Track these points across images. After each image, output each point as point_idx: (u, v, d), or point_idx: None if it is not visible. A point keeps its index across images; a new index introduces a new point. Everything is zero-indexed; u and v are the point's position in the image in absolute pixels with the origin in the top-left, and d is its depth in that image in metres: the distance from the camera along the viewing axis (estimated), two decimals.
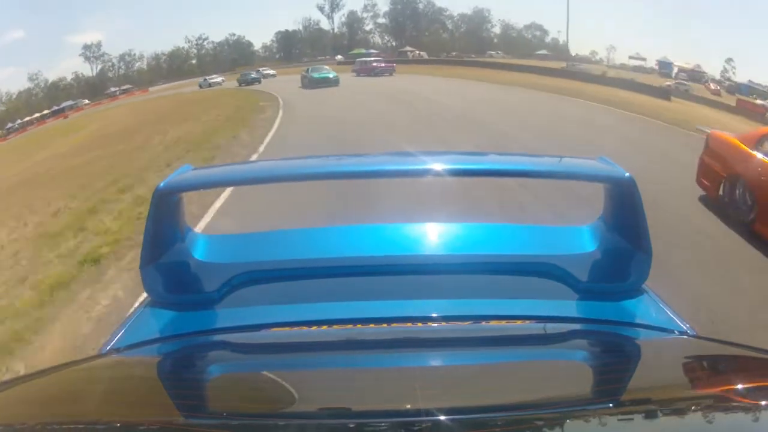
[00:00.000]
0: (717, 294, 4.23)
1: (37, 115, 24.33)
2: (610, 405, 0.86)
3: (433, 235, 1.56)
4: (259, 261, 1.41)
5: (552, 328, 1.20)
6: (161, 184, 1.27)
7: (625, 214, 1.31)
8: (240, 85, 31.14)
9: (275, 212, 5.98)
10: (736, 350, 1.11)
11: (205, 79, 32.07)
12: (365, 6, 27.71)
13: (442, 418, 0.77)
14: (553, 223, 3.46)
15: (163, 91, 25.77)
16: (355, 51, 32.40)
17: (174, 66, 33.86)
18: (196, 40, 32.72)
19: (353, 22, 33.47)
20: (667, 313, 1.26)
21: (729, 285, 4.44)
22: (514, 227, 1.68)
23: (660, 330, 1.19)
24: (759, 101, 29.08)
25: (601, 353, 1.19)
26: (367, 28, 33.78)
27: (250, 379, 1.06)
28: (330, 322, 1.18)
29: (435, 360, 1.12)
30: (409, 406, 0.85)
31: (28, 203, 9.86)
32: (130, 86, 27.84)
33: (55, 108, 25.07)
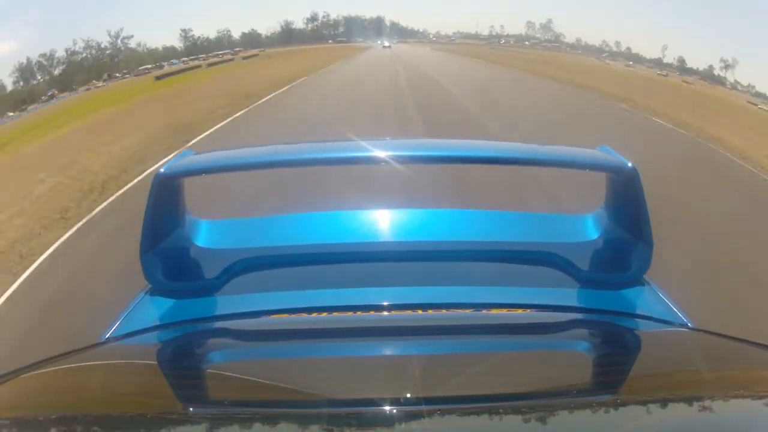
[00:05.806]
0: None
1: (205, 56, 43.56)
2: (607, 395, 0.88)
3: (434, 222, 1.56)
4: (260, 247, 1.40)
5: (551, 317, 1.21)
6: (162, 170, 1.25)
7: (626, 203, 1.31)
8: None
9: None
10: (734, 344, 1.09)
11: (381, 43, 59.23)
12: (322, 15, 61.25)
13: (442, 405, 0.79)
14: None
15: (253, 54, 44.61)
16: (339, 39, 60.52)
17: (205, 46, 54.11)
18: (223, 31, 53.77)
19: (321, 25, 63.28)
20: (666, 305, 1.26)
21: None
22: (515, 215, 1.69)
23: (659, 321, 1.19)
24: None
25: (599, 343, 1.19)
26: (323, 27, 64.45)
27: (251, 366, 1.05)
28: (330, 309, 1.18)
29: (435, 347, 1.10)
30: (409, 394, 0.84)
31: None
32: (230, 50, 47.58)
33: (216, 53, 44.66)
